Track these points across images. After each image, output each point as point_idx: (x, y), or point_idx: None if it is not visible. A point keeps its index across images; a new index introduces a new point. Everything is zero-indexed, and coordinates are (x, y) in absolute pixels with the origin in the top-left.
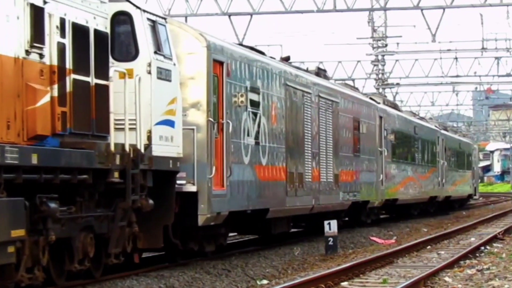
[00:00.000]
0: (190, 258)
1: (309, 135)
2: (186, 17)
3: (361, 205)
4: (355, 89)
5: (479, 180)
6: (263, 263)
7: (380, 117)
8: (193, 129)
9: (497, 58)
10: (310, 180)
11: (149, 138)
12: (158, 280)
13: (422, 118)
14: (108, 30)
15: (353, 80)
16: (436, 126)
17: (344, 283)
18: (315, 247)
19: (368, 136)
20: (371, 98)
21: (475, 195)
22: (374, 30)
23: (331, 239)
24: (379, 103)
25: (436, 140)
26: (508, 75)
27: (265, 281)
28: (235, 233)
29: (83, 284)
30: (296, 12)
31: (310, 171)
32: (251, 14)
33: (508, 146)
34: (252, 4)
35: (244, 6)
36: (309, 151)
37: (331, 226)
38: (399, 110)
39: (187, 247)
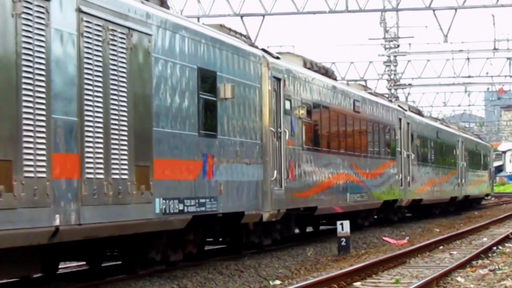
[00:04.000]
0: None
1: (34, 84)
2: (198, 18)
3: (231, 219)
4: (237, 34)
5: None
6: (275, 263)
7: (278, 80)
8: None
9: (509, 59)
10: (42, 176)
11: None
12: (171, 280)
13: (377, 94)
14: None
15: (365, 80)
16: (400, 106)
17: (357, 283)
18: (327, 247)
19: (241, 106)
20: (264, 51)
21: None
22: (386, 31)
23: (343, 239)
24: (278, 57)
25: (398, 124)
26: None
27: (277, 282)
28: None
29: (96, 285)
30: (308, 13)
31: (43, 159)
32: (263, 15)
33: None
34: (264, 5)
35: (256, 7)
36: (39, 117)
37: (344, 227)
38: (334, 79)
39: None
